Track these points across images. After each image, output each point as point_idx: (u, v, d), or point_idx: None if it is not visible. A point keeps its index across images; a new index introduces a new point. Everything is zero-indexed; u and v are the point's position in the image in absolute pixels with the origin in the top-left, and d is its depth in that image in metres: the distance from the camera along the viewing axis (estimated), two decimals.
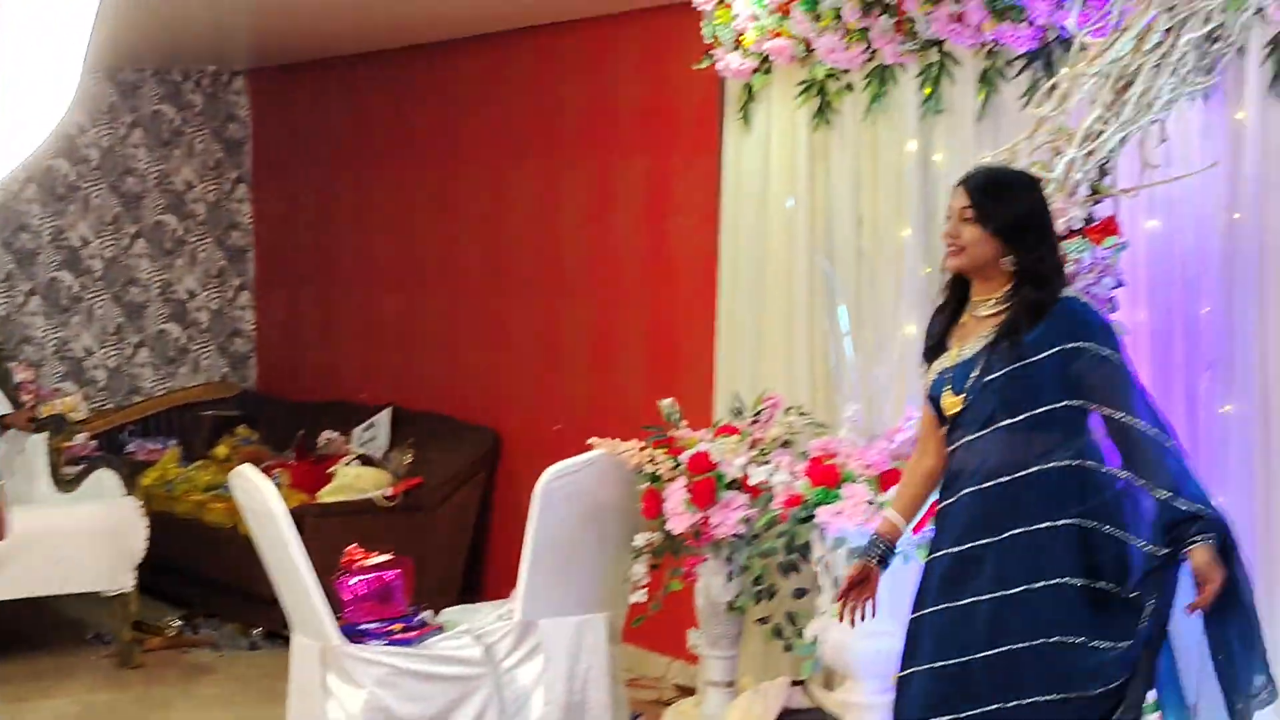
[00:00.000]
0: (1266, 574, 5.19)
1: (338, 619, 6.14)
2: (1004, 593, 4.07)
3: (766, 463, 6.01)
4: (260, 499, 6.19)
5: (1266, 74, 5.03)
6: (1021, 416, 4.12)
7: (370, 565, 6.34)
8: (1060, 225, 5.00)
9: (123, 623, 8.03)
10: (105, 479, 8.25)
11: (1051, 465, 4.11)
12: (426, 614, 6.41)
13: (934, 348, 4.37)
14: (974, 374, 4.18)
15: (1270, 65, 5.02)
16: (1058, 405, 4.10)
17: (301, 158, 10.13)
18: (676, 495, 6.06)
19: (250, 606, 8.04)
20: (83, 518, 8.02)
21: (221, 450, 9.37)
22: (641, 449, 6.24)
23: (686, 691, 6.87)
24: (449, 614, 6.58)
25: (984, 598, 4.09)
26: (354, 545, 6.45)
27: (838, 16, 6.17)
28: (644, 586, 6.18)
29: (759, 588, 6.17)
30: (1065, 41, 5.28)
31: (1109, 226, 5.08)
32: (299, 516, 6.83)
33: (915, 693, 4.23)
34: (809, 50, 6.39)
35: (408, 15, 7.87)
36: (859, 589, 4.39)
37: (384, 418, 8.95)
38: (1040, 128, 5.08)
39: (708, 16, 6.75)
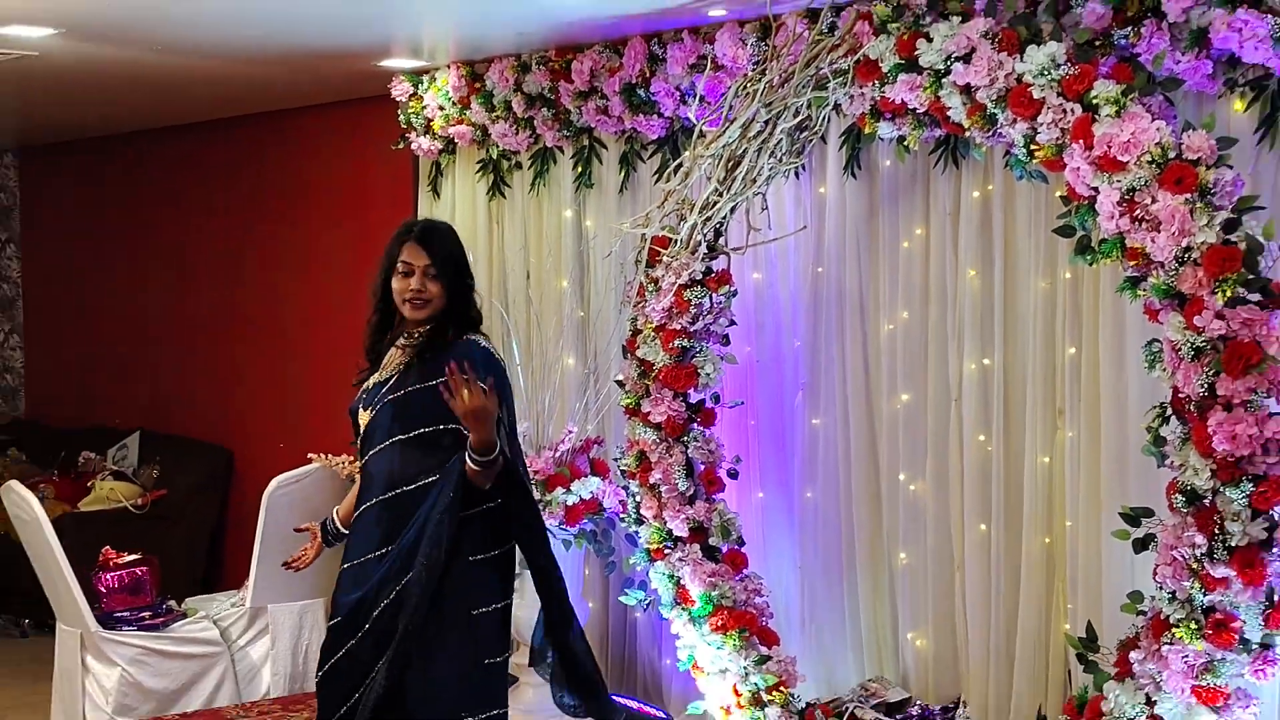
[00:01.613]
0: (847, 549, 5.34)
1: (95, 609, 6.08)
2: None
3: None
4: (27, 508, 6.07)
5: (842, 157, 5.19)
6: (412, 434, 3.88)
7: (123, 563, 6.30)
8: (684, 276, 5.07)
9: None
10: None
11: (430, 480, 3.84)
12: (171, 603, 6.38)
13: (365, 372, 4.10)
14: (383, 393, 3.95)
15: (845, 150, 5.17)
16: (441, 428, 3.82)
17: (63, 222, 9.86)
18: None
19: (19, 601, 7.79)
20: None
21: None
22: (352, 462, 6.16)
23: None
24: (191, 603, 6.52)
25: None
26: (108, 547, 6.40)
27: (508, 108, 6.20)
28: None
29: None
30: (688, 130, 5.37)
31: (724, 277, 5.17)
32: (61, 523, 6.68)
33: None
34: (486, 135, 6.41)
35: (157, 105, 7.70)
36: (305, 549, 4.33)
37: (134, 440, 8.76)
38: (669, 198, 5.14)
39: (403, 106, 6.76)
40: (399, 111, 6.79)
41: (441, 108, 6.52)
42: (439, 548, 3.76)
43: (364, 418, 3.99)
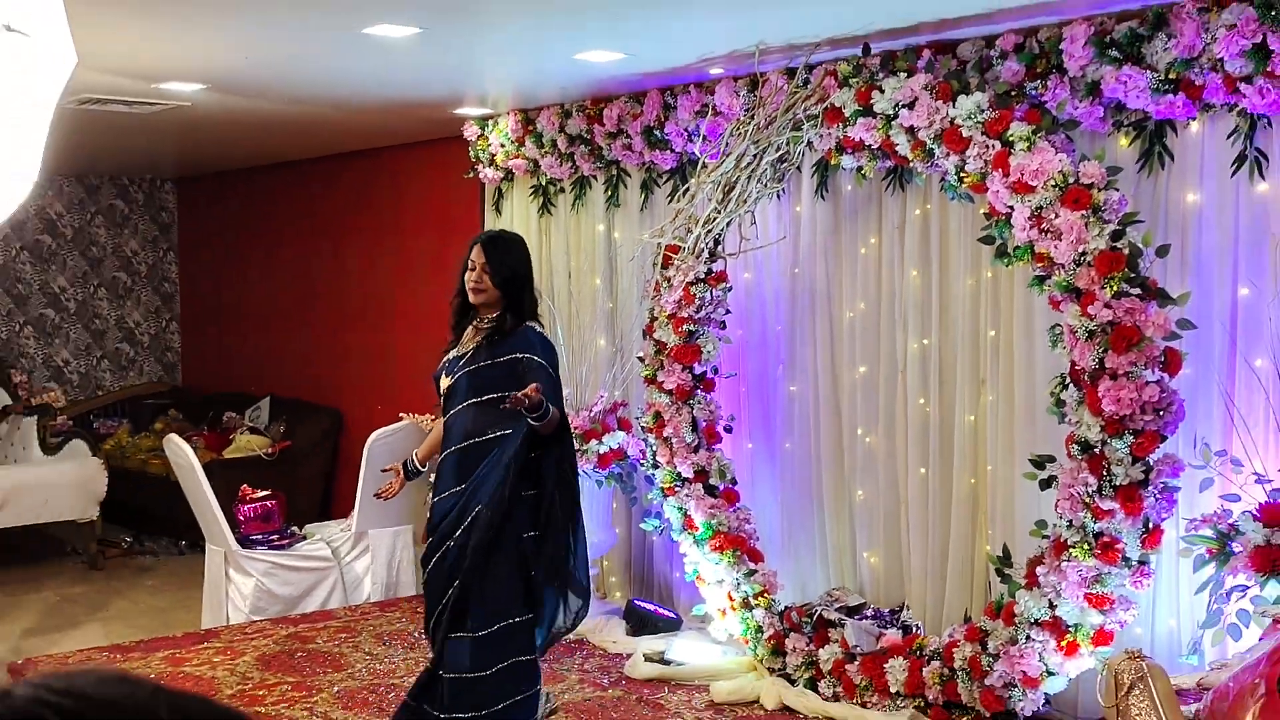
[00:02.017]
0: (816, 487, 5.32)
1: (235, 533, 6.09)
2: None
3: None
4: (184, 456, 6.08)
5: (814, 183, 5.16)
6: (484, 399, 3.88)
7: (257, 498, 6.30)
8: (691, 275, 5.05)
9: (91, 540, 7.71)
10: (78, 446, 7.91)
11: (495, 434, 3.87)
12: (294, 528, 6.38)
13: (449, 347, 4.09)
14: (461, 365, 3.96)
15: (816, 177, 5.14)
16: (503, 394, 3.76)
17: (210, 235, 9.84)
18: None
19: (179, 527, 7.78)
20: (63, 472, 7.65)
21: (158, 426, 9.05)
22: (432, 419, 6.15)
23: None
24: (309, 528, 6.53)
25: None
26: (245, 485, 6.41)
27: (554, 145, 6.17)
28: None
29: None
30: (694, 162, 5.34)
31: (721, 276, 5.15)
32: (209, 468, 6.69)
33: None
34: (537, 166, 6.38)
35: (283, 144, 7.70)
36: (391, 483, 4.22)
37: (266, 403, 8.78)
38: (679, 216, 5.13)
39: (473, 144, 6.73)
40: (469, 148, 6.77)
41: (503, 145, 6.50)
42: (503, 486, 3.78)
43: (445, 383, 4.00)
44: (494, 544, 3.81)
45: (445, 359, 4.06)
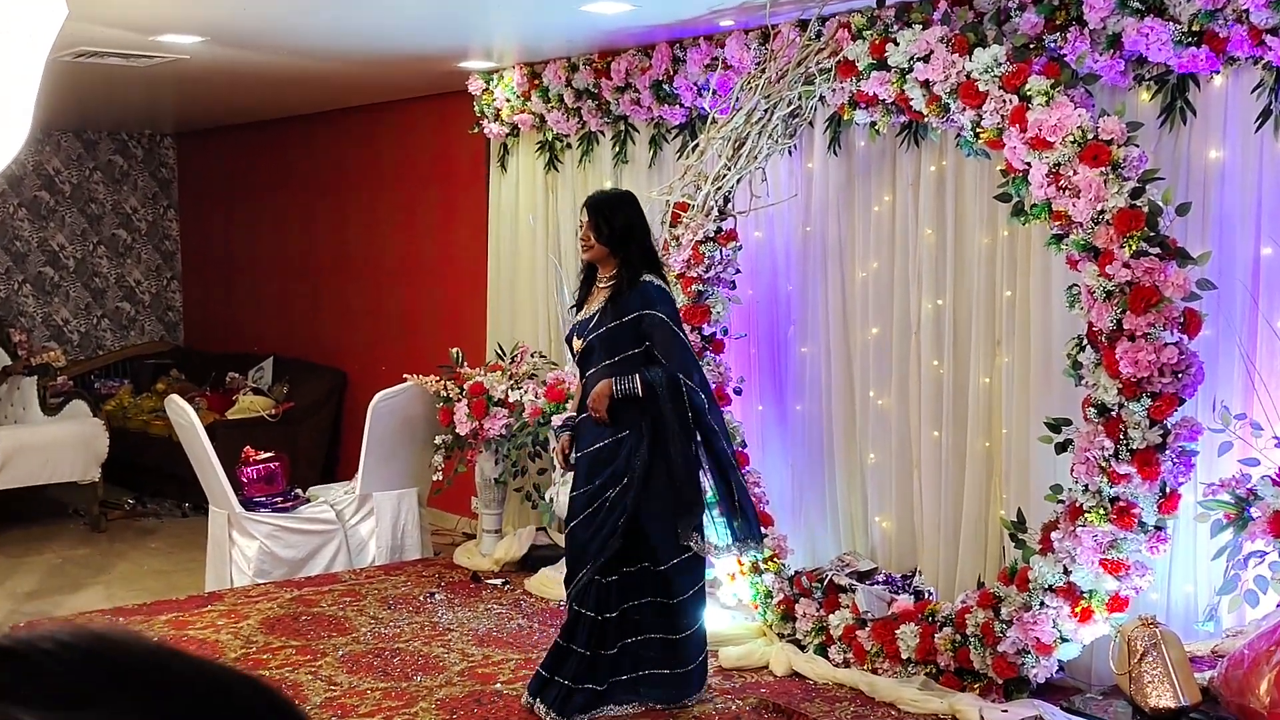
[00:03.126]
0: (828, 450, 5.33)
1: (238, 495, 6.11)
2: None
3: (519, 388, 5.99)
4: (185, 416, 6.10)
5: (826, 139, 5.13)
6: (617, 358, 4.14)
7: (260, 459, 6.31)
8: (700, 234, 5.04)
9: (93, 501, 7.76)
10: (79, 406, 7.94)
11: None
12: (298, 491, 6.40)
13: (576, 306, 4.39)
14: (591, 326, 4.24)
15: (828, 133, 5.11)
16: (636, 351, 4.13)
17: (211, 191, 9.85)
18: (461, 410, 6.01)
19: (181, 489, 7.85)
20: (64, 432, 7.68)
21: (160, 386, 9.08)
22: (438, 381, 6.18)
23: (470, 537, 6.84)
24: (313, 490, 6.56)
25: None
26: (248, 447, 6.42)
27: (561, 100, 6.14)
28: (441, 470, 6.15)
29: (516, 468, 6.17)
30: (703, 117, 5.32)
31: (731, 235, 5.14)
32: (212, 429, 6.73)
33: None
34: (543, 121, 6.36)
35: (284, 98, 7.68)
36: (568, 450, 4.43)
37: (269, 363, 8.81)
38: (688, 173, 5.11)
39: (478, 99, 6.70)
40: (474, 103, 6.75)
41: (508, 100, 6.47)
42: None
43: (577, 345, 4.27)
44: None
45: (575, 321, 4.31)
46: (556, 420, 5.18)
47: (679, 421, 4.09)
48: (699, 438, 4.17)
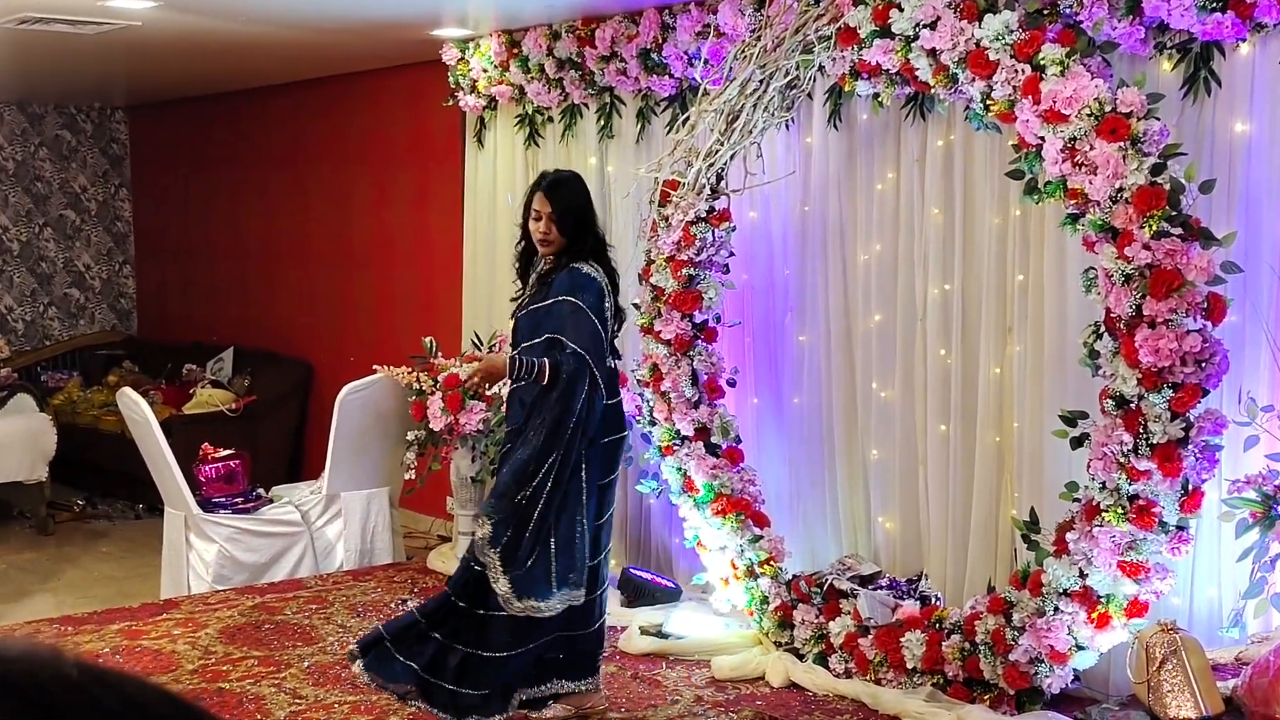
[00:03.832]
0: (828, 445, 5.34)
1: (196, 495, 6.12)
2: None
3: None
4: (138, 410, 6.09)
5: (826, 111, 5.13)
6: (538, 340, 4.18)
7: (219, 457, 6.32)
8: (691, 214, 5.04)
9: (40, 503, 7.75)
10: (25, 400, 7.93)
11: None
12: (260, 490, 6.41)
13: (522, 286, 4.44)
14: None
15: (828, 105, 5.11)
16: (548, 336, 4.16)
17: (166, 169, 9.83)
18: (435, 404, 6.00)
19: (135, 489, 7.84)
20: (8, 428, 7.66)
21: (112, 379, 9.06)
22: (410, 372, 6.17)
23: (445, 539, 6.85)
24: (277, 490, 6.56)
25: None
26: (207, 444, 6.42)
27: (542, 70, 6.13)
28: (414, 468, 6.14)
29: (494, 466, 6.15)
30: (694, 88, 5.31)
31: (724, 215, 5.14)
32: (168, 424, 6.73)
33: None
34: (522, 93, 6.35)
35: (244, 68, 7.66)
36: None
37: (229, 354, 8.79)
38: (678, 147, 5.10)
39: (452, 69, 6.69)
40: (449, 73, 6.73)
41: (485, 70, 6.46)
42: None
43: (507, 327, 4.45)
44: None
45: (518, 304, 4.38)
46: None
47: (554, 422, 4.06)
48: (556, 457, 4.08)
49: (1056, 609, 4.07)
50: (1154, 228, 3.74)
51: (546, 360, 4.10)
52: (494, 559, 4.06)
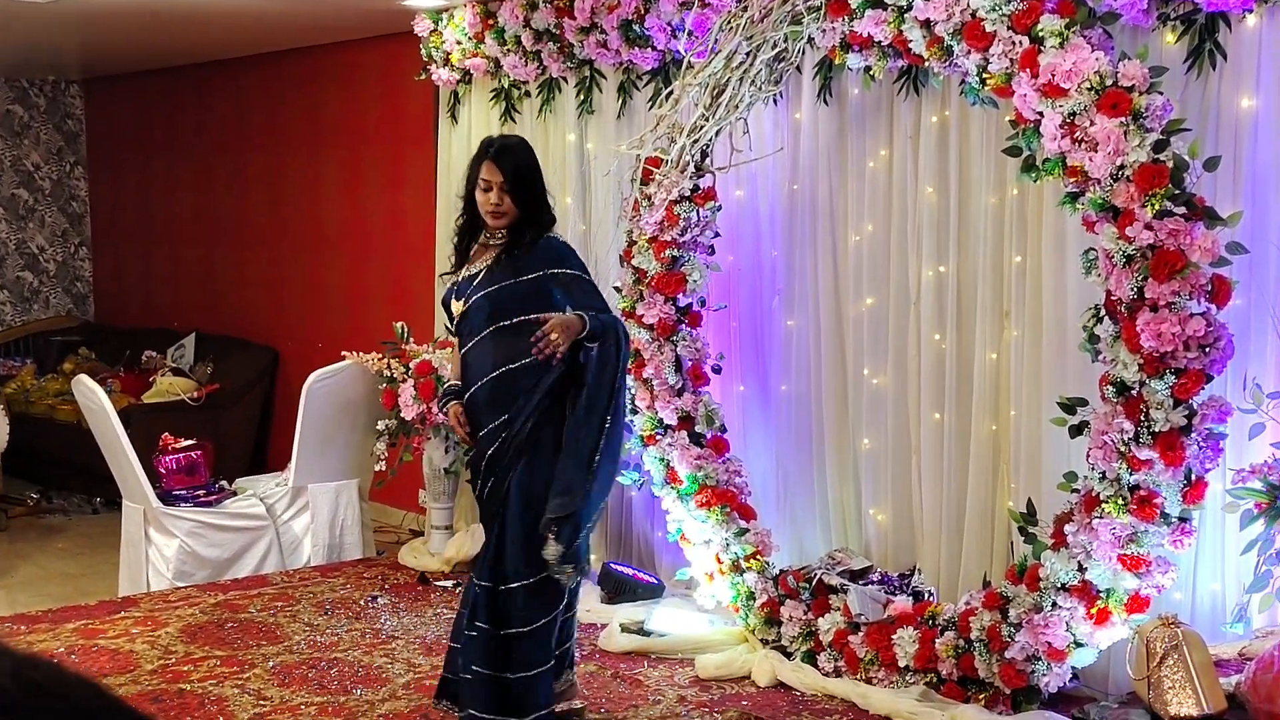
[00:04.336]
0: (817, 435, 5.34)
1: (156, 488, 6.12)
2: None
3: None
4: (95, 399, 6.08)
5: (815, 85, 5.13)
6: (514, 321, 3.97)
7: (180, 448, 6.32)
8: (674, 193, 5.04)
9: None
10: None
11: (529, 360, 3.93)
12: (223, 483, 6.40)
13: (456, 265, 4.20)
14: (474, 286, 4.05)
15: (818, 79, 5.11)
16: (524, 318, 3.95)
17: (125, 146, 9.80)
18: (407, 392, 6.00)
19: (91, 482, 7.82)
20: None
21: (68, 366, 9.04)
22: (381, 359, 6.17)
23: (417, 534, 6.85)
24: (240, 482, 6.54)
25: None
26: (167, 434, 6.41)
27: (518, 42, 6.12)
28: (384, 459, 6.15)
29: (468, 457, 6.15)
30: (678, 61, 5.31)
31: (709, 194, 5.14)
32: (126, 414, 6.72)
33: None
34: (498, 67, 6.34)
35: (207, 39, 7.63)
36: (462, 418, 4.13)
37: (190, 340, 8.78)
38: (661, 123, 5.09)
39: (425, 41, 6.67)
40: (421, 46, 6.72)
41: (459, 42, 6.45)
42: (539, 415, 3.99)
43: (457, 308, 4.08)
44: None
45: (454, 281, 4.14)
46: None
47: (608, 384, 3.97)
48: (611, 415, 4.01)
49: (1054, 604, 4.09)
50: (1156, 207, 3.75)
51: (617, 319, 4.00)
52: (567, 567, 3.94)
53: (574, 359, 3.97)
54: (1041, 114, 3.99)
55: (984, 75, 4.15)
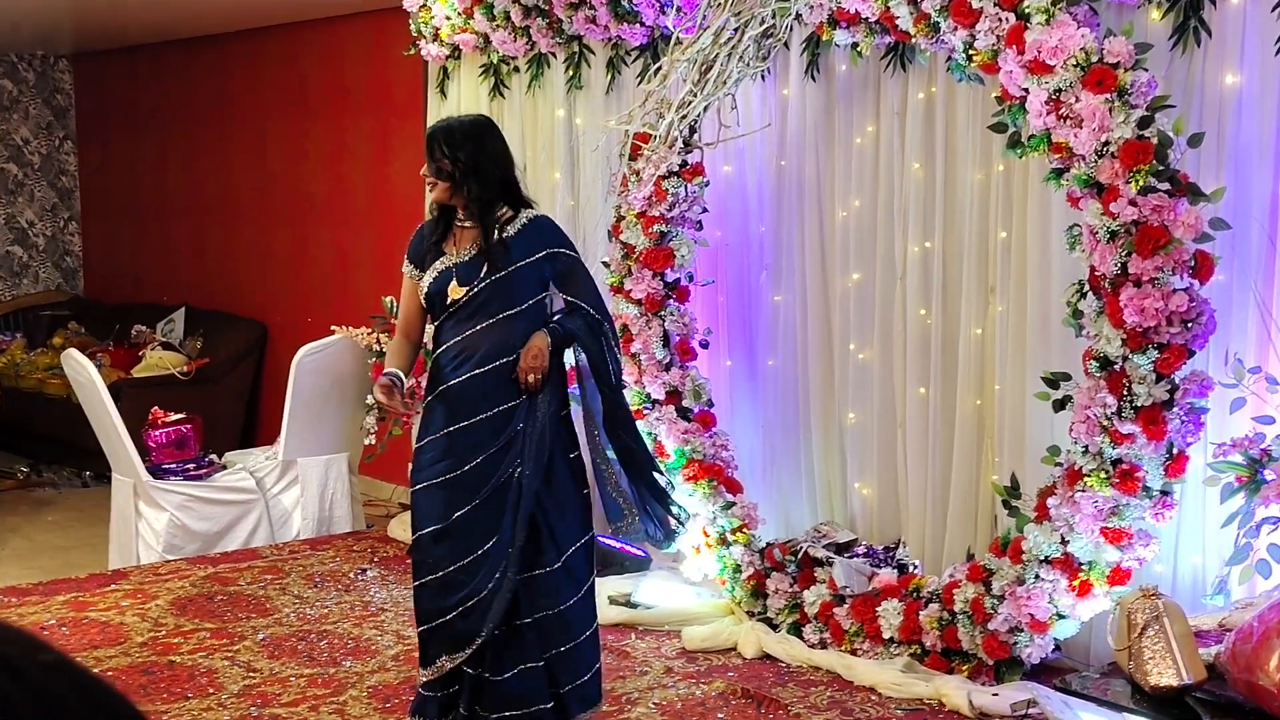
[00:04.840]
0: (803, 409, 5.36)
1: (146, 462, 6.11)
2: None
3: None
4: (85, 373, 6.07)
5: (803, 62, 5.12)
6: (524, 306, 3.81)
7: (170, 421, 6.31)
8: (663, 168, 5.03)
9: None
10: None
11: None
12: (213, 456, 6.40)
13: (429, 253, 3.92)
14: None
15: (806, 56, 5.10)
16: (539, 298, 3.84)
17: (114, 120, 9.76)
18: None
19: (81, 455, 7.82)
20: None
21: (57, 341, 9.01)
22: (370, 333, 6.17)
23: (406, 508, 6.83)
24: (230, 456, 6.55)
25: None
26: (157, 408, 6.40)
27: (507, 17, 6.10)
28: (374, 433, 6.15)
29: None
30: (666, 37, 5.29)
31: (697, 169, 5.13)
32: (116, 388, 6.71)
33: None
34: (487, 42, 6.31)
35: (196, 13, 7.60)
36: (394, 401, 3.90)
37: (180, 314, 8.74)
38: (649, 99, 5.08)
39: (413, 16, 6.63)
40: (410, 21, 6.69)
41: (448, 17, 6.42)
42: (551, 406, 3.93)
43: (456, 294, 3.80)
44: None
45: (439, 267, 3.86)
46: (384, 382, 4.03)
47: (611, 369, 3.97)
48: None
49: (1037, 577, 4.12)
50: (1140, 183, 3.76)
51: (588, 312, 3.86)
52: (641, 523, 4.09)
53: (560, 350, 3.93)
54: (1027, 90, 4.00)
55: (970, 51, 4.15)
